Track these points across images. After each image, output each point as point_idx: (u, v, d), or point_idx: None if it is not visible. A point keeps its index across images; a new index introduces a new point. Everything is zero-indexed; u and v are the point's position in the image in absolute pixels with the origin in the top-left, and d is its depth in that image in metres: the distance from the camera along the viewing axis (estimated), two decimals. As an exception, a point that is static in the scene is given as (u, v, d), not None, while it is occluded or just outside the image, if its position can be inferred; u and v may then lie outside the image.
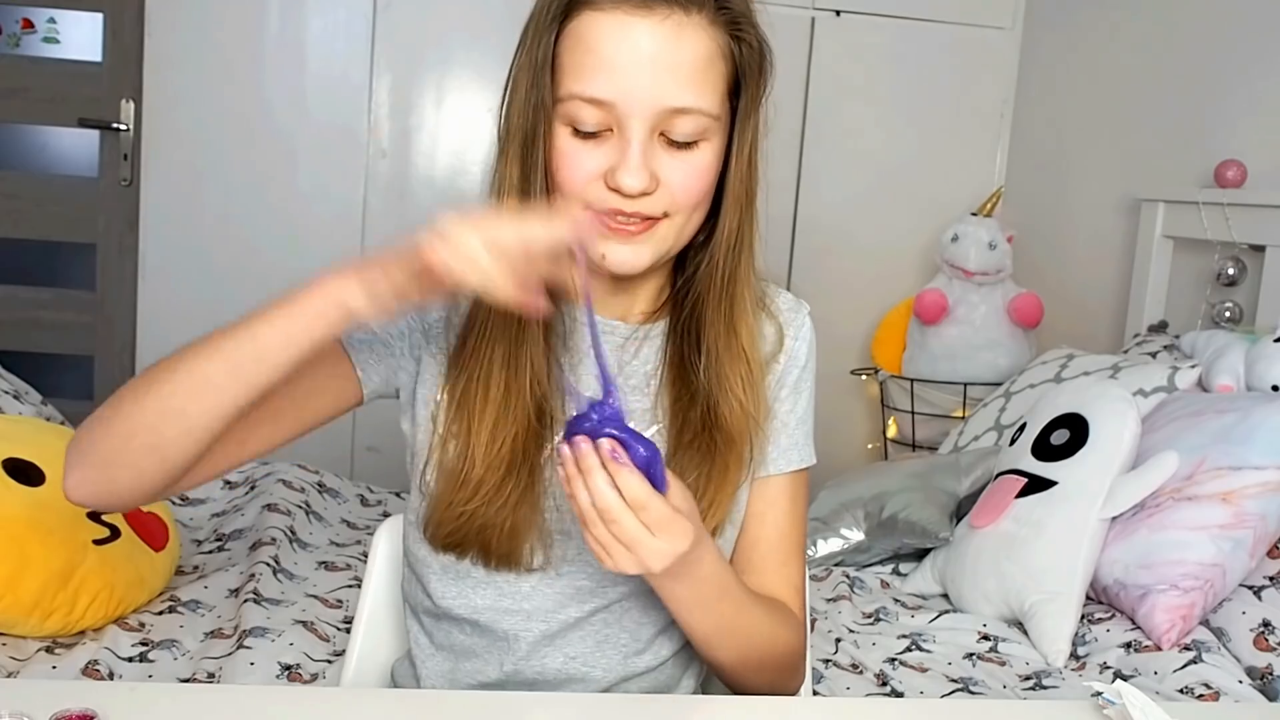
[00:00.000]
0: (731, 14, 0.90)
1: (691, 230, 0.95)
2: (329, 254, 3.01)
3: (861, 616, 1.86)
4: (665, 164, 0.89)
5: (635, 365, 1.00)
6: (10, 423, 1.82)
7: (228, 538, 2.00)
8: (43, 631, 1.53)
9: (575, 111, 0.88)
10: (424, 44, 3.02)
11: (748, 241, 0.97)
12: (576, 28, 0.88)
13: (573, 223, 0.81)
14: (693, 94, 0.88)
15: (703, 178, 0.91)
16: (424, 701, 0.95)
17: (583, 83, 0.87)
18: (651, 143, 0.88)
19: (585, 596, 0.99)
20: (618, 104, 0.87)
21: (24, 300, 3.06)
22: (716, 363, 0.97)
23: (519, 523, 0.95)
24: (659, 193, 0.90)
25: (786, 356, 1.03)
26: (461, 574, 1.00)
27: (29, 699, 0.77)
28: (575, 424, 0.81)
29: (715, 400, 0.96)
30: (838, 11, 3.14)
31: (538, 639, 1.00)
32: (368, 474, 2.83)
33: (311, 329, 0.82)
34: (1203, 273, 2.35)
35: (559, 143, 0.90)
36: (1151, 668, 1.58)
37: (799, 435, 1.04)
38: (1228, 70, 2.40)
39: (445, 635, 1.04)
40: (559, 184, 0.91)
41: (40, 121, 3.07)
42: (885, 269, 3.18)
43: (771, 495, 1.03)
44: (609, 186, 0.89)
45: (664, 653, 1.04)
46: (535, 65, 0.90)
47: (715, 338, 0.97)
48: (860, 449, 3.16)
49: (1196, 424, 1.79)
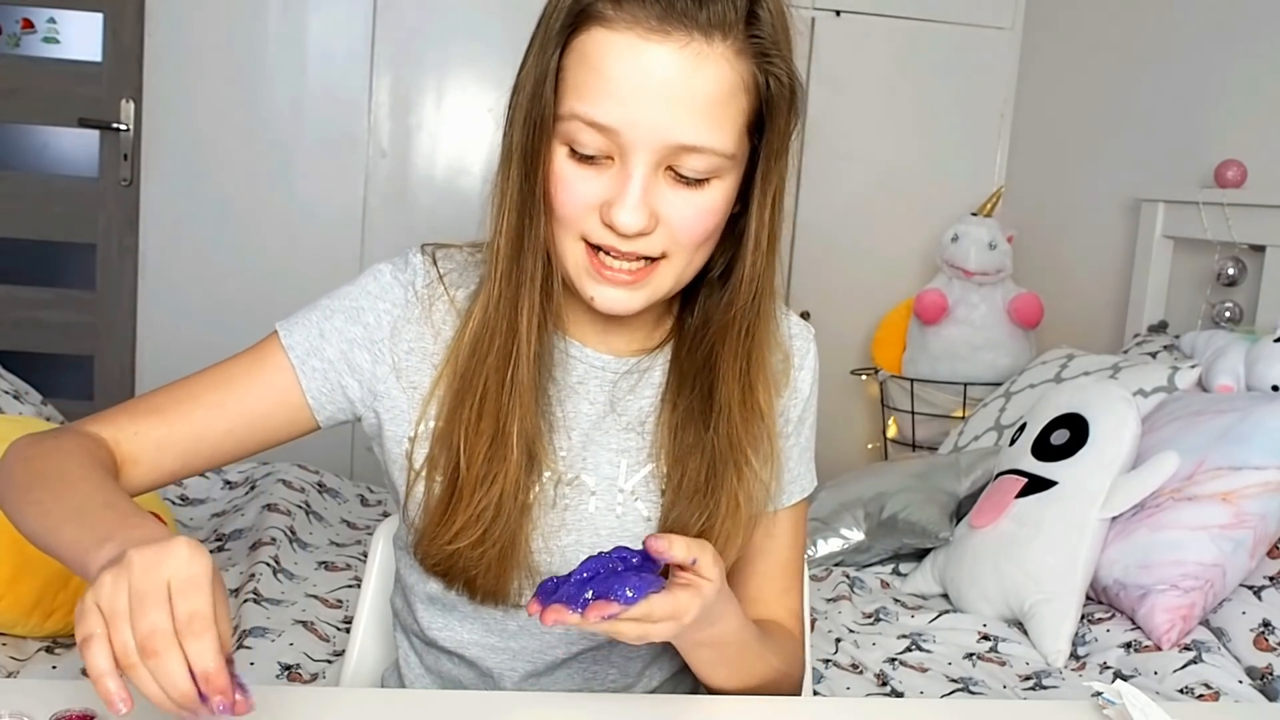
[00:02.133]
0: (762, 44, 0.81)
1: (692, 273, 0.87)
2: (329, 254, 3.02)
3: (861, 616, 1.86)
4: (667, 200, 0.82)
5: (629, 401, 0.95)
6: (10, 423, 1.82)
7: (228, 538, 2.00)
8: (43, 631, 1.53)
9: (575, 133, 0.81)
10: (424, 44, 3.02)
11: (768, 288, 0.89)
12: (585, 43, 0.80)
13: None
14: (706, 131, 0.79)
15: (708, 219, 0.83)
16: (423, 701, 0.95)
17: (585, 103, 0.80)
18: (655, 178, 0.81)
19: (574, 638, 0.97)
20: (621, 132, 0.79)
21: (24, 300, 3.06)
22: (727, 422, 0.90)
23: (506, 560, 0.90)
24: (658, 232, 0.82)
25: (790, 390, 0.98)
26: (449, 606, 0.98)
27: (29, 699, 0.77)
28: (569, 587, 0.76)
29: (724, 464, 0.90)
30: (838, 11, 3.13)
31: (522, 678, 0.98)
32: (368, 474, 2.83)
33: (79, 570, 0.73)
34: (1203, 273, 2.35)
35: (556, 164, 0.82)
36: (1151, 668, 1.58)
37: (800, 467, 1.01)
38: (1228, 70, 2.40)
39: (434, 661, 1.03)
40: (554, 210, 0.84)
41: (40, 121, 3.07)
42: (885, 269, 3.18)
43: (772, 529, 1.00)
44: (604, 222, 0.81)
45: (654, 682, 1.03)
46: (538, 77, 0.82)
47: (729, 395, 0.90)
48: (860, 449, 3.16)
49: (1196, 424, 1.79)
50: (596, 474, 0.94)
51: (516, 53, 0.91)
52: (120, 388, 3.05)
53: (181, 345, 2.96)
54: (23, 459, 0.84)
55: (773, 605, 1.00)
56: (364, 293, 0.93)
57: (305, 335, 0.92)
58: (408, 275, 0.94)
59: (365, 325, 0.92)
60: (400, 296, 0.93)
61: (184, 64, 2.94)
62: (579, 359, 0.94)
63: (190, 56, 2.94)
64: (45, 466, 0.82)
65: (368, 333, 0.92)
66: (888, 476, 2.16)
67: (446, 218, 3.03)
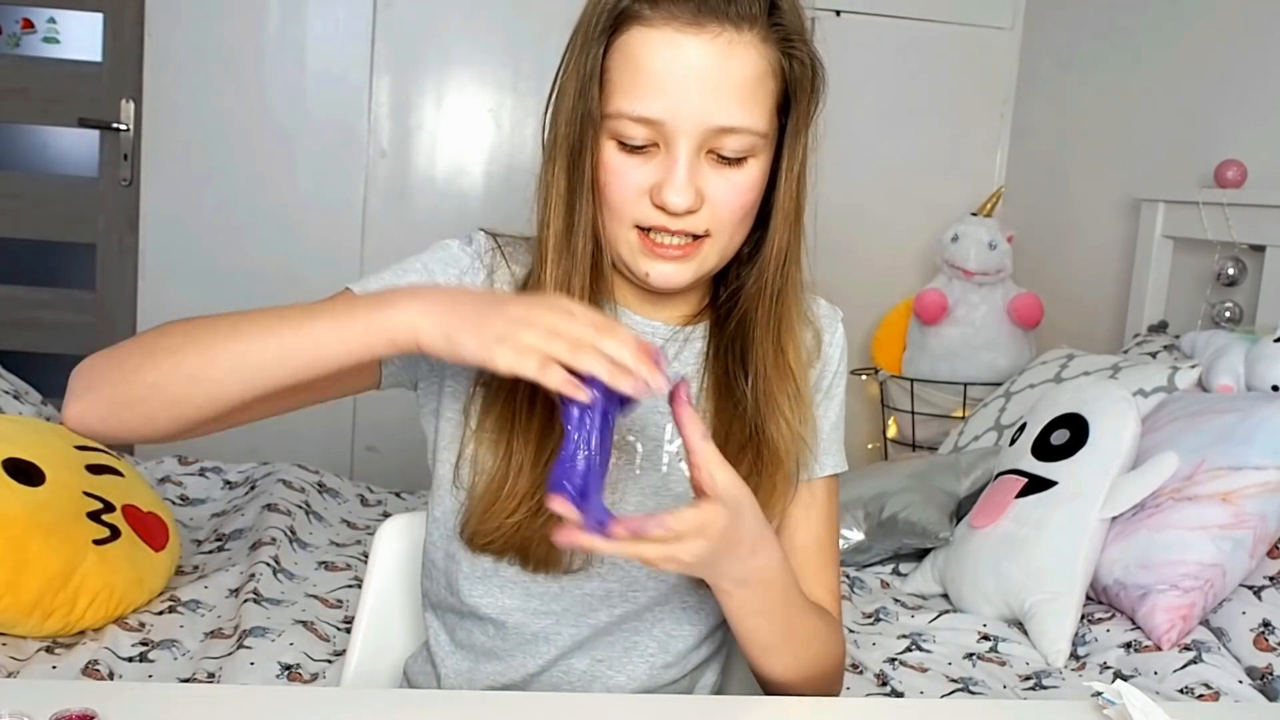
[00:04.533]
0: (784, 31, 0.89)
1: (734, 247, 0.94)
2: (329, 254, 3.01)
3: (861, 616, 1.86)
4: (711, 180, 0.89)
5: (675, 367, 0.99)
6: (10, 423, 1.82)
7: (228, 538, 2.00)
8: (43, 631, 1.53)
9: (623, 128, 0.88)
10: (424, 44, 3.02)
11: (795, 257, 0.97)
12: (626, 43, 0.87)
13: (667, 383, 0.78)
14: (742, 113, 0.87)
15: (747, 195, 0.90)
16: (425, 702, 0.95)
17: (632, 101, 0.87)
18: (698, 160, 0.88)
19: (615, 600, 0.98)
20: (666, 122, 0.86)
21: (24, 300, 3.06)
22: (764, 381, 0.96)
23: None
24: (703, 210, 0.89)
25: (822, 363, 1.03)
26: (489, 573, 0.98)
27: (29, 699, 0.77)
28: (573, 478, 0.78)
29: (763, 419, 0.96)
30: (838, 11, 3.14)
31: (567, 642, 0.99)
32: (368, 474, 2.83)
33: (374, 346, 0.80)
34: (1203, 273, 2.35)
35: (605, 157, 0.89)
36: (1151, 668, 1.58)
37: (831, 442, 1.04)
38: (1228, 70, 2.40)
39: (466, 634, 1.03)
40: (605, 199, 0.90)
41: (40, 121, 3.08)
42: (885, 269, 3.18)
43: (806, 501, 1.02)
44: (654, 203, 0.88)
45: (689, 665, 1.04)
46: (583, 76, 0.89)
47: (762, 356, 0.96)
48: (860, 449, 3.16)
49: (1196, 424, 1.79)
50: (644, 436, 0.98)
51: (517, 53, 0.92)
52: (120, 388, 3.05)
53: (181, 345, 2.96)
54: (167, 326, 0.85)
55: (810, 582, 1.02)
56: (434, 259, 0.99)
57: (379, 289, 0.93)
58: (473, 248, 1.00)
59: (434, 282, 0.96)
60: (467, 264, 0.98)
61: (184, 64, 2.94)
62: (630, 326, 0.99)
63: (190, 56, 2.94)
64: (215, 316, 0.84)
65: None
66: (888, 476, 2.15)
67: (446, 218, 3.03)
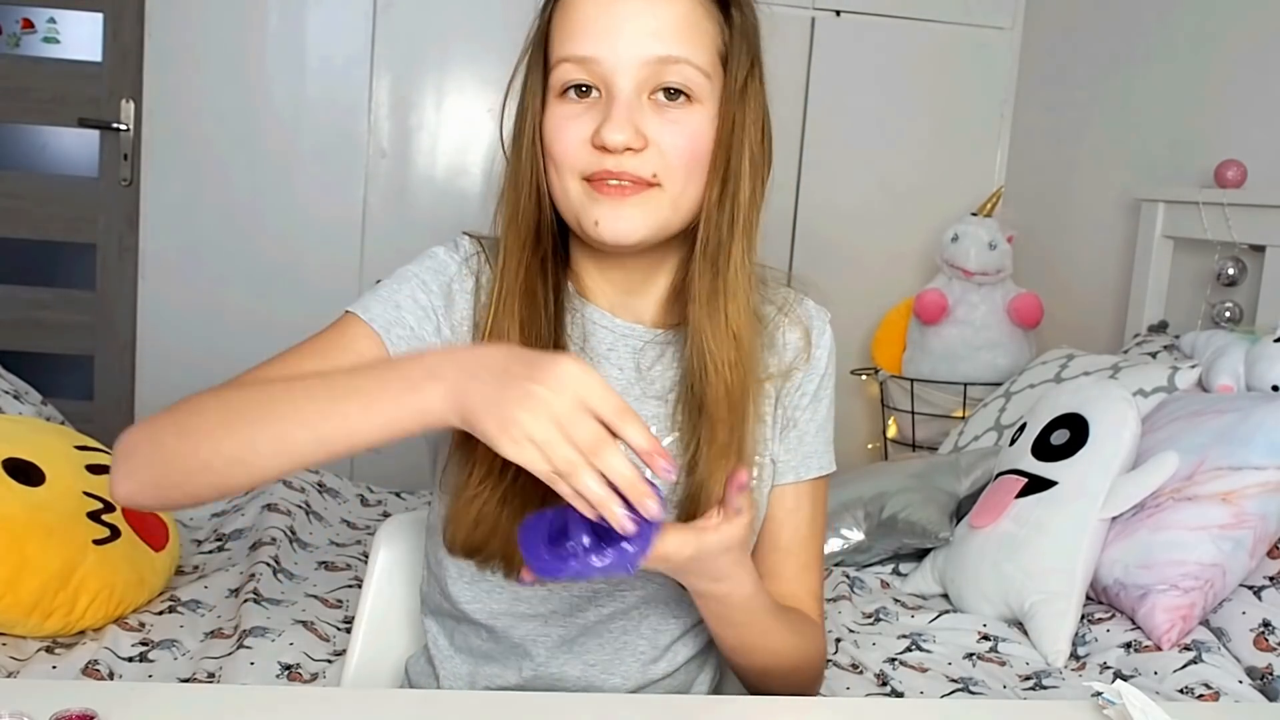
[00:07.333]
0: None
1: (688, 203, 0.91)
2: (329, 254, 3.01)
3: (861, 616, 1.86)
4: (654, 125, 0.88)
5: (656, 371, 0.98)
6: (10, 423, 1.82)
7: (228, 538, 2.00)
8: (43, 631, 1.53)
9: (564, 74, 0.89)
10: (424, 44, 3.02)
11: (743, 216, 0.92)
12: (565, 2, 0.91)
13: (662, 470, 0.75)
14: (677, 43, 0.88)
15: (693, 139, 0.90)
16: (425, 702, 0.95)
17: (570, 44, 0.89)
18: (639, 101, 0.88)
19: (603, 599, 0.99)
20: (603, 60, 0.88)
21: (24, 300, 3.06)
22: (704, 339, 0.92)
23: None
24: (648, 152, 0.88)
25: (809, 365, 1.04)
26: (478, 577, 0.99)
27: (29, 699, 0.77)
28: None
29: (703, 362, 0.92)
30: (838, 11, 3.14)
31: (556, 644, 1.00)
32: (368, 474, 2.83)
33: (407, 428, 0.78)
34: (1203, 273, 2.35)
35: (550, 114, 0.90)
36: (1151, 668, 1.58)
37: (819, 443, 1.04)
38: (1228, 70, 2.40)
39: (464, 639, 1.04)
40: (551, 155, 0.91)
41: (40, 121, 3.07)
42: (885, 269, 3.18)
43: (791, 503, 1.02)
44: (594, 146, 0.88)
45: (679, 659, 1.04)
46: (531, 45, 0.93)
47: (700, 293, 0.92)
48: (860, 449, 3.16)
49: (1196, 424, 1.79)
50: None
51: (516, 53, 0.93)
52: (120, 388, 3.05)
53: (181, 345, 2.96)
54: (200, 404, 0.83)
55: (792, 582, 1.02)
56: (424, 268, 0.99)
57: (382, 310, 0.95)
58: (460, 254, 1.00)
59: (430, 294, 0.97)
60: (455, 270, 0.99)
61: (184, 64, 2.94)
62: (608, 328, 0.99)
63: (190, 56, 2.94)
64: (245, 394, 0.82)
65: (431, 301, 0.97)
66: (888, 476, 2.15)
67: (446, 218, 3.03)
